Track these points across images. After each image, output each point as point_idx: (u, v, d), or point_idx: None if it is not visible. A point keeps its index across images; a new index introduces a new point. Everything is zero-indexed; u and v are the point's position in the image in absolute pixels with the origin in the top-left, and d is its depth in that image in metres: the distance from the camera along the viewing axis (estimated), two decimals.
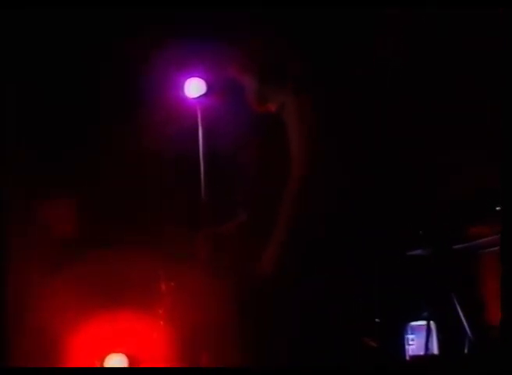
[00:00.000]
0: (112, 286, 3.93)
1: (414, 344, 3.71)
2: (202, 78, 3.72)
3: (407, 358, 3.67)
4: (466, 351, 3.38)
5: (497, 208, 3.17)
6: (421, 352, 3.65)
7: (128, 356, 3.90)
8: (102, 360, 3.87)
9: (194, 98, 3.73)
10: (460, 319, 3.40)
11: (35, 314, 3.72)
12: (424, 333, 3.63)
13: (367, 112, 3.29)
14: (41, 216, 3.92)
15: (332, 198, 3.12)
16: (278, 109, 3.20)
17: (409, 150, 3.64)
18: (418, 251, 3.60)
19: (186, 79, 3.74)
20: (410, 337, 3.72)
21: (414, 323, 3.73)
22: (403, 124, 3.69)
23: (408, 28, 3.52)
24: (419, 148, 3.73)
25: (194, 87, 3.72)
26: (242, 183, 3.42)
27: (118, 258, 3.84)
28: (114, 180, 4.04)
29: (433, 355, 3.60)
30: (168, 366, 3.66)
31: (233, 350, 3.22)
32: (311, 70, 3.22)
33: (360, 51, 3.32)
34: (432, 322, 3.62)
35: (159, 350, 3.78)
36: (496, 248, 3.14)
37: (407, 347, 3.69)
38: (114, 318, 3.85)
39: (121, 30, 3.86)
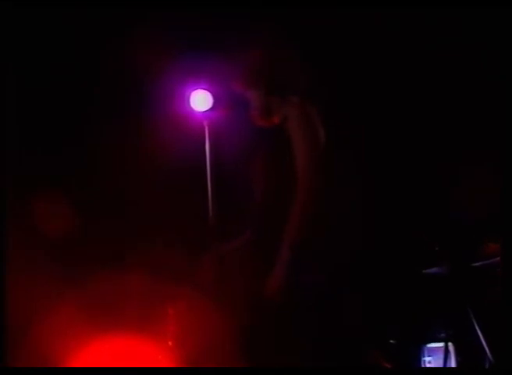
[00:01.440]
0: (115, 307, 3.89)
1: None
2: (209, 91, 3.67)
3: None
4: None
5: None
6: None
7: None
8: None
9: (201, 112, 3.67)
10: (480, 340, 3.34)
11: (33, 335, 3.67)
12: (441, 356, 3.57)
13: (374, 123, 3.27)
14: (40, 225, 3.88)
15: (340, 213, 3.03)
16: (281, 121, 3.15)
17: (422, 163, 3.62)
18: (434, 269, 3.58)
19: (192, 92, 3.68)
20: (427, 359, 3.67)
21: (430, 345, 3.68)
22: (417, 138, 3.66)
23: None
24: (434, 162, 3.70)
25: (201, 101, 3.66)
26: (248, 197, 3.35)
27: (120, 279, 3.79)
28: (117, 196, 4.03)
29: None
30: None
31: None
32: (316, 82, 3.17)
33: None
34: (449, 343, 3.56)
35: None
36: None
37: None
38: (118, 339, 3.78)
39: (128, 41, 3.84)
